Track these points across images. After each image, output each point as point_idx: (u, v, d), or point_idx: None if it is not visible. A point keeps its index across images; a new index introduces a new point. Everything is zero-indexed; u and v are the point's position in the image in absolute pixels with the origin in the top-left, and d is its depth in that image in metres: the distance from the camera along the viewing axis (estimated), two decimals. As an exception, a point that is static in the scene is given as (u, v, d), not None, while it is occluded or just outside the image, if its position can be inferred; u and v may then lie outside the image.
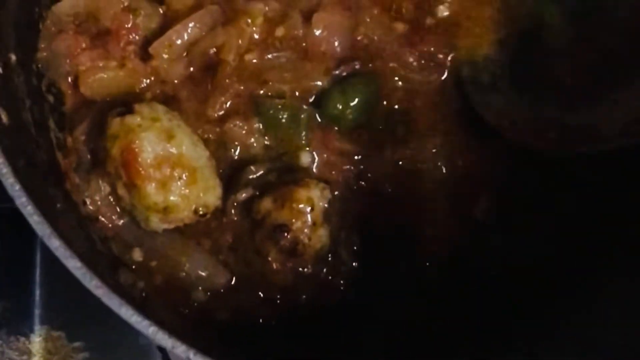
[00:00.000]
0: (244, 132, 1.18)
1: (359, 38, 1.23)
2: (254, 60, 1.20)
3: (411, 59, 1.23)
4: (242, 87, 1.19)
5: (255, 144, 1.19)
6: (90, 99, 1.19)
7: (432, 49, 1.23)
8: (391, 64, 1.23)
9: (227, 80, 1.19)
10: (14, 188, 0.87)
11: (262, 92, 1.20)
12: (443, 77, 1.23)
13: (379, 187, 1.21)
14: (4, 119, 0.97)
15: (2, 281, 1.32)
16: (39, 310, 1.32)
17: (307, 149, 1.20)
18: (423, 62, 1.23)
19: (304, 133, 1.20)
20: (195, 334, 1.12)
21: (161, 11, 1.22)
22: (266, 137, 1.20)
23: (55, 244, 0.86)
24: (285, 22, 1.22)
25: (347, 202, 1.20)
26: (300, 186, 1.15)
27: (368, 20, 1.24)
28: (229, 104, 1.19)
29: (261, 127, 1.19)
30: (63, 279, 1.31)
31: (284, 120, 1.19)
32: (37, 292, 1.33)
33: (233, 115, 1.19)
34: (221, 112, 1.19)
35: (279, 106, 1.19)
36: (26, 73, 1.12)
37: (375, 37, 1.23)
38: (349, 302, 1.17)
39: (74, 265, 0.86)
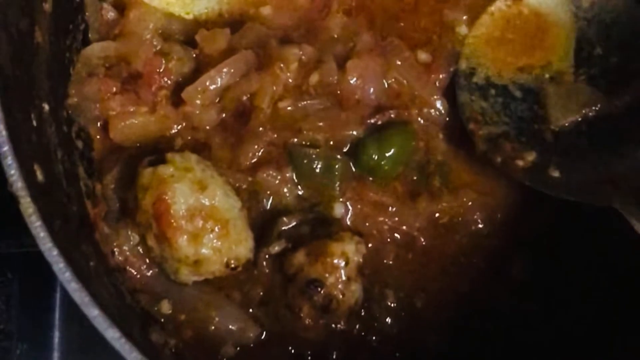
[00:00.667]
0: (277, 181, 1.16)
1: (390, 82, 1.21)
2: (288, 108, 1.18)
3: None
4: (275, 136, 1.17)
5: (288, 194, 1.16)
6: (119, 145, 1.17)
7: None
8: (425, 110, 1.20)
9: (260, 128, 1.17)
10: (52, 253, 0.84)
11: (295, 140, 1.17)
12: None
13: (414, 241, 1.18)
14: (39, 176, 0.94)
15: (21, 323, 1.30)
16: (57, 353, 1.30)
17: (341, 200, 1.17)
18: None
19: (338, 183, 1.17)
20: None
21: (194, 55, 1.19)
22: (299, 187, 1.17)
23: (94, 314, 0.83)
24: (320, 68, 1.19)
25: (380, 255, 1.17)
26: (335, 240, 1.12)
27: (399, 63, 1.21)
28: (261, 152, 1.17)
29: (294, 176, 1.17)
30: (82, 322, 1.30)
31: (317, 170, 1.16)
32: (56, 335, 1.30)
33: (266, 164, 1.17)
34: (254, 161, 1.17)
35: (313, 155, 1.16)
36: (57, 122, 1.09)
37: (405, 81, 1.21)
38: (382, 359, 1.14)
39: (112, 335, 0.83)
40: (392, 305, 1.17)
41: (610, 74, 1.19)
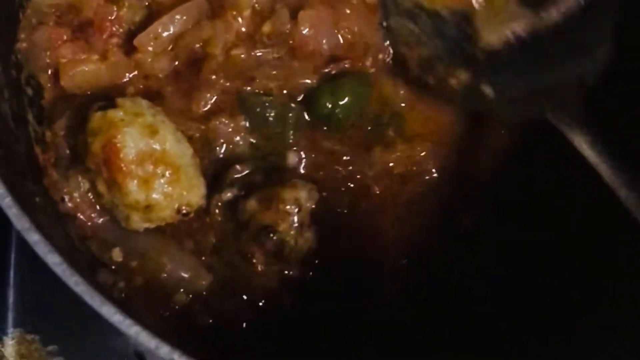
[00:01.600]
0: (229, 129, 1.15)
1: (342, 32, 1.20)
2: (241, 56, 1.17)
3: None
4: (228, 84, 1.16)
5: (241, 142, 1.16)
6: (70, 93, 1.15)
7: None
8: (380, 56, 1.20)
9: (213, 76, 1.16)
10: (-8, 177, 0.83)
11: (249, 89, 1.17)
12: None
13: (368, 190, 1.17)
14: (-17, 108, 0.92)
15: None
16: (12, 313, 1.29)
17: (295, 149, 1.17)
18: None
19: (291, 132, 1.17)
20: (177, 337, 1.07)
21: (146, 3, 1.18)
22: (252, 136, 1.16)
23: (35, 238, 0.82)
24: (273, 17, 1.18)
25: (334, 204, 1.16)
26: (287, 186, 1.12)
27: (348, 12, 1.20)
28: (214, 100, 1.16)
29: (248, 125, 1.16)
30: (37, 281, 1.29)
31: (271, 119, 1.16)
32: (11, 295, 1.29)
33: (219, 112, 1.16)
34: (206, 109, 1.16)
35: (266, 104, 1.16)
36: (5, 64, 1.08)
37: (357, 28, 1.20)
38: (336, 306, 1.13)
39: (53, 261, 0.82)
40: (346, 253, 1.16)
41: None
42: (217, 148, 1.16)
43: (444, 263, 1.16)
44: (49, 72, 1.15)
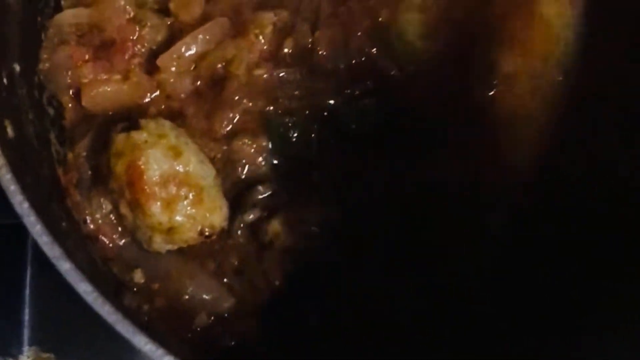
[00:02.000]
0: (252, 150, 1.14)
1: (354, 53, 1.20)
2: (264, 76, 1.17)
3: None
4: (250, 104, 1.16)
5: (263, 163, 1.15)
6: (91, 113, 1.15)
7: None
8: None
9: (235, 97, 1.15)
10: (23, 206, 0.82)
11: (271, 109, 1.16)
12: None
13: (391, 203, 1.17)
14: (9, 132, 0.92)
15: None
16: (28, 331, 1.28)
17: (317, 169, 1.16)
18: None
19: (314, 153, 1.15)
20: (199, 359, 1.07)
21: (168, 22, 1.18)
22: (275, 157, 1.15)
23: (66, 267, 0.81)
24: (294, 34, 1.19)
25: (358, 221, 1.15)
26: (310, 206, 1.11)
27: (359, 34, 1.20)
28: (236, 120, 1.15)
29: (270, 145, 1.15)
30: (53, 299, 1.28)
31: (294, 139, 1.15)
32: (27, 313, 1.28)
33: (241, 133, 1.15)
34: (228, 129, 1.15)
35: (289, 124, 1.15)
36: (28, 85, 1.07)
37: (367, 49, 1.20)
38: (361, 323, 1.12)
39: (85, 289, 0.81)
40: (372, 269, 1.15)
41: None
42: (240, 169, 1.15)
43: (444, 263, 1.15)
44: (71, 92, 1.15)
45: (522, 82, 1.18)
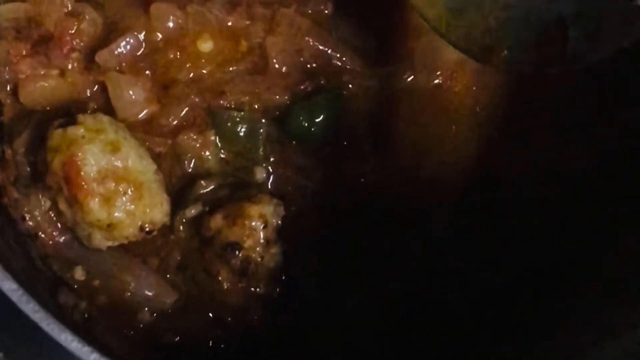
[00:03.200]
0: (197, 145, 1.13)
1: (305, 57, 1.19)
2: (212, 72, 1.15)
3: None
4: (197, 99, 1.14)
5: (210, 157, 1.14)
6: (30, 109, 1.13)
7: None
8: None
9: (182, 93, 1.14)
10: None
11: (220, 103, 1.15)
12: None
13: (338, 204, 1.16)
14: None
15: None
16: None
17: (264, 164, 1.15)
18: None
19: (261, 148, 1.15)
20: (141, 356, 1.06)
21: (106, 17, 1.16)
22: (222, 151, 1.14)
23: (-15, 265, 0.80)
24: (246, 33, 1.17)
25: (303, 219, 1.15)
26: (253, 202, 1.10)
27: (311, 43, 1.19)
28: (183, 114, 1.14)
29: (217, 140, 1.14)
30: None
31: (241, 134, 1.14)
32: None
33: (187, 127, 1.14)
34: (175, 123, 1.13)
35: (237, 119, 1.14)
36: (-39, 81, 1.05)
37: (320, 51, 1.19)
38: (304, 323, 1.12)
39: (9, 287, 0.80)
40: (315, 268, 1.14)
41: None
42: (186, 162, 1.14)
43: (420, 277, 1.15)
44: (8, 88, 1.13)
45: (466, 73, 1.17)
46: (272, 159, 1.16)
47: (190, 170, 1.15)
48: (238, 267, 1.08)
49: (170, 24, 1.14)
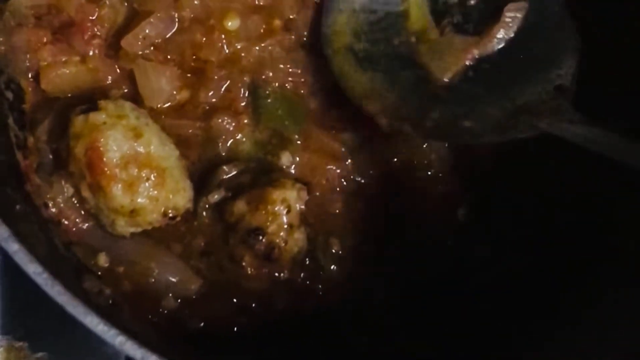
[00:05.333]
0: (231, 128, 1.14)
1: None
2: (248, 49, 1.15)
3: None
4: (234, 79, 1.14)
5: (244, 140, 1.14)
6: (52, 96, 1.13)
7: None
8: None
9: (215, 76, 1.14)
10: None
11: (257, 82, 1.15)
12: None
13: (363, 189, 1.15)
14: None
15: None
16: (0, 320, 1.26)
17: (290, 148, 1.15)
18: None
19: (298, 127, 1.15)
20: (166, 343, 1.06)
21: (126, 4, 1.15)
22: (256, 132, 1.14)
23: (14, 248, 0.80)
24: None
25: (327, 204, 1.14)
26: (275, 187, 1.10)
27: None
28: (217, 96, 1.14)
29: (252, 121, 1.14)
30: (25, 287, 1.26)
31: (280, 112, 1.14)
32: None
33: (222, 110, 1.14)
34: (207, 108, 1.14)
35: (278, 95, 1.15)
36: (-17, 69, 1.05)
37: None
38: (329, 308, 1.11)
39: (34, 270, 0.80)
40: (339, 253, 1.14)
41: (473, 16, 1.14)
42: (220, 145, 1.14)
43: (444, 261, 1.15)
44: (30, 75, 1.13)
45: None
46: (299, 142, 1.15)
47: (223, 153, 1.14)
48: (262, 253, 1.08)
49: (196, 1, 1.13)
